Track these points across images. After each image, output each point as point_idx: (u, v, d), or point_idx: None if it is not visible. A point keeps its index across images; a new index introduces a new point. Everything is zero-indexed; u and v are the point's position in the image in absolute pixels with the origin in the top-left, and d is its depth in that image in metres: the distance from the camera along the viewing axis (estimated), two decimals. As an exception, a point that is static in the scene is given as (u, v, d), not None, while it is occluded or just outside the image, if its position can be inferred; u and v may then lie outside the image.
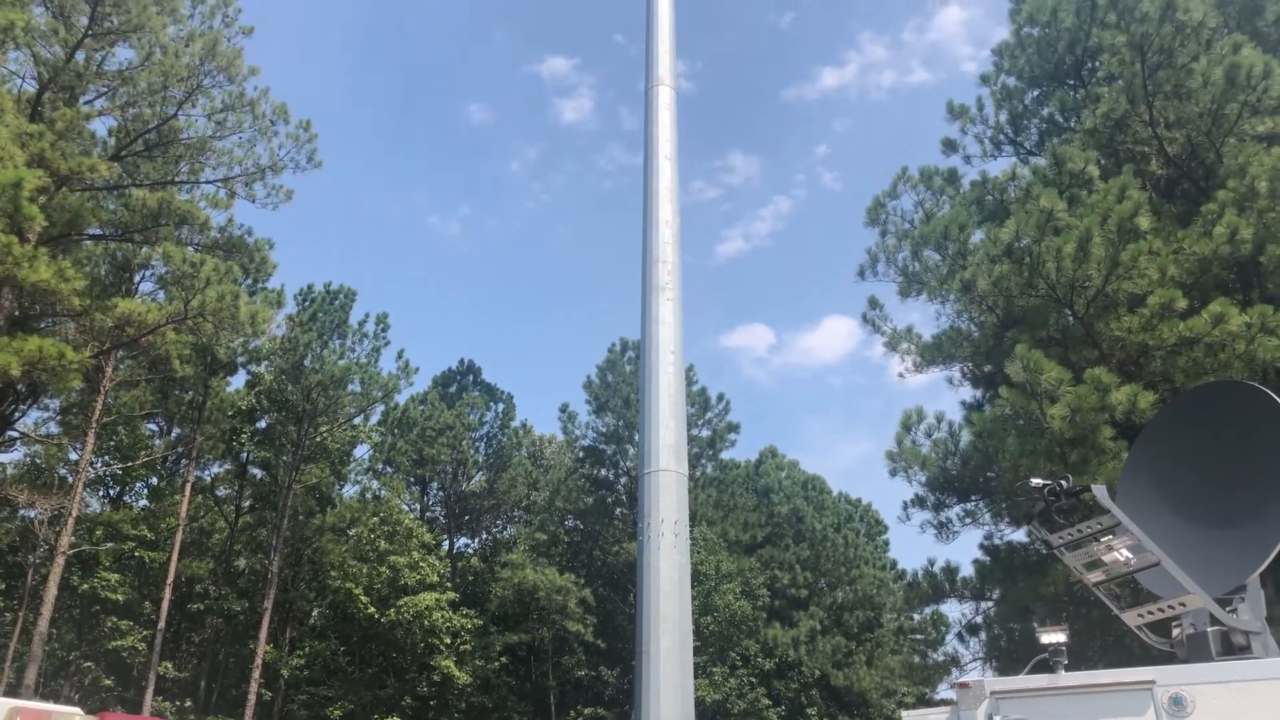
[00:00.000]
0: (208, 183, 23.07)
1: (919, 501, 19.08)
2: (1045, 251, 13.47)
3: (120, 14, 19.52)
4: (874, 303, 19.70)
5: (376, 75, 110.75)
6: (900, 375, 19.23)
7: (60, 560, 22.18)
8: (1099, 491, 5.76)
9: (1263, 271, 13.51)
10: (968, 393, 20.00)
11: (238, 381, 31.96)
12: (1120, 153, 16.44)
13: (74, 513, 22.93)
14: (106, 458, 29.82)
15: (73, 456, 27.19)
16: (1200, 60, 14.69)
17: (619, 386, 36.52)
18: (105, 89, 20.97)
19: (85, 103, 20.89)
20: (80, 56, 20.13)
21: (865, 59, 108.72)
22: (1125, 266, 13.02)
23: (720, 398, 37.83)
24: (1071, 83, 18.80)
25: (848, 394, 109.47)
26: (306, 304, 30.97)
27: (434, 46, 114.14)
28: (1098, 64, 17.60)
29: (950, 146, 20.35)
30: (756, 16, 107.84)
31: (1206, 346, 12.46)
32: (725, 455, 41.29)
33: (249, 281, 27.01)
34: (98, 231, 21.75)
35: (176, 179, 22.65)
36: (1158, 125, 15.54)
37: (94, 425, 23.61)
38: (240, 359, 30.41)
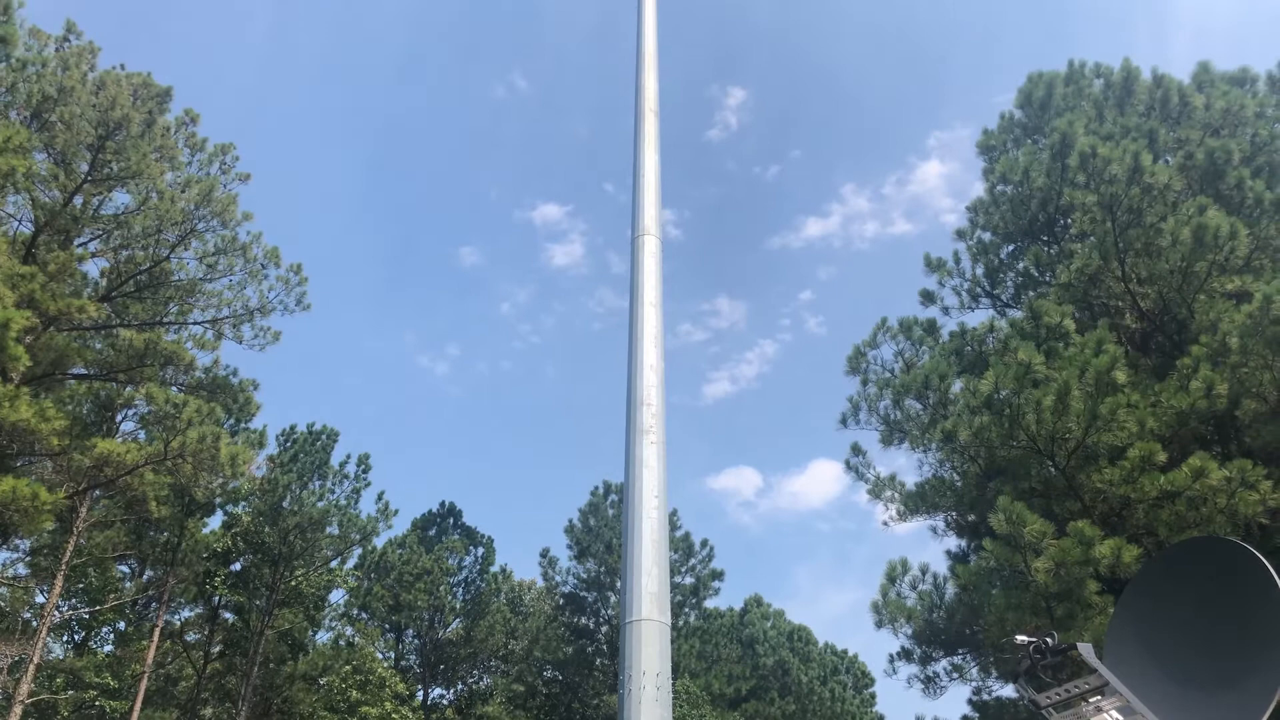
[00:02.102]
0: (196, 324, 23.27)
1: (905, 654, 18.69)
2: (1025, 404, 13.60)
3: (120, 161, 20.03)
4: (857, 449, 19.73)
5: (373, 218, 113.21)
6: (885, 524, 19.10)
7: (18, 709, 21.31)
8: (1085, 650, 5.66)
9: (1239, 425, 13.65)
10: (952, 542, 19.86)
11: (215, 522, 31.50)
12: (1095, 307, 16.80)
13: (35, 659, 22.17)
14: (74, 601, 29.03)
15: (39, 599, 26.48)
16: (1168, 220, 15.19)
17: (601, 531, 36.11)
18: (100, 232, 21.34)
19: (79, 245, 21.21)
20: (78, 200, 20.55)
21: (848, 210, 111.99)
22: (1104, 419, 13.13)
23: (704, 544, 37.43)
24: (1045, 239, 19.33)
25: (835, 540, 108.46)
26: (288, 444, 30.81)
27: (430, 191, 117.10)
28: (1070, 221, 18.15)
29: (929, 298, 20.76)
30: (743, 169, 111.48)
31: (1188, 500, 12.47)
32: (709, 603, 40.60)
33: (231, 422, 26.92)
34: (82, 371, 21.76)
35: (165, 320, 22.82)
36: (1130, 281, 15.94)
37: (64, 567, 23.08)
38: (218, 500, 30.02)
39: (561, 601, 36.71)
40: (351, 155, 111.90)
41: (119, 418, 24.61)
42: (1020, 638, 6.05)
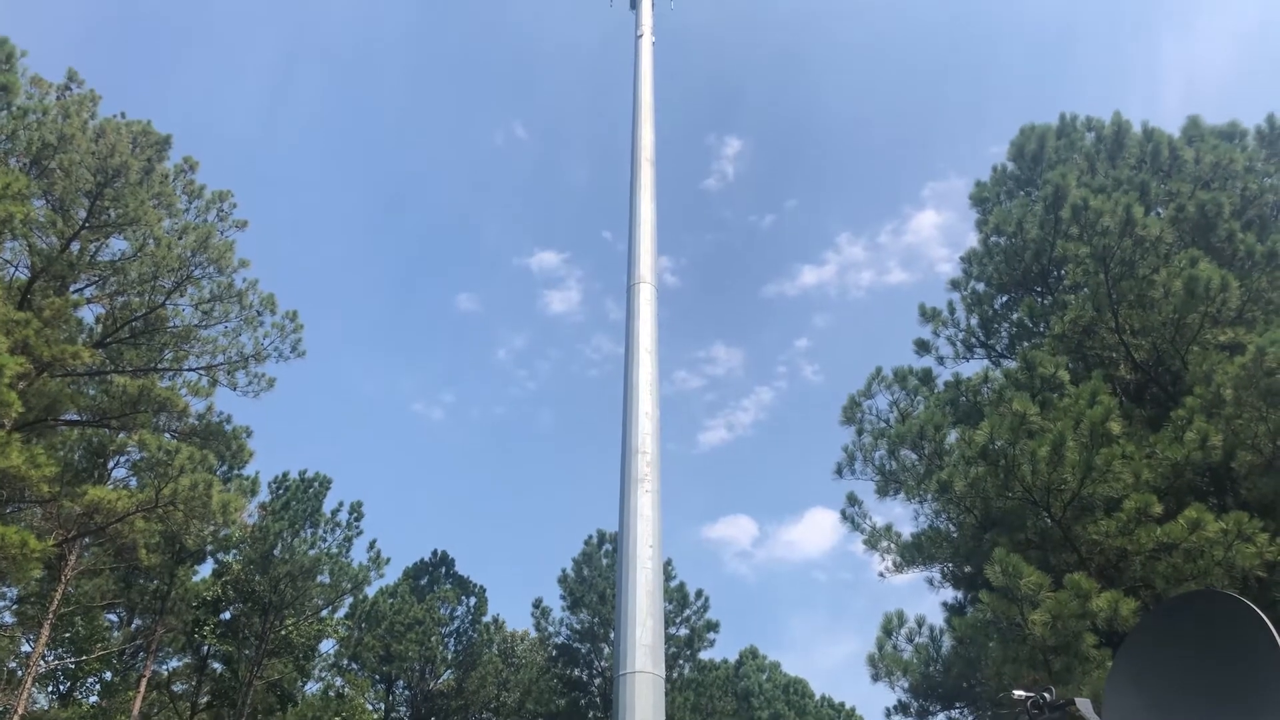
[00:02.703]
0: (190, 370, 23.23)
1: (903, 708, 18.48)
2: (1020, 454, 13.57)
3: (118, 208, 20.12)
4: (853, 499, 19.65)
5: (371, 263, 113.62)
6: (881, 575, 18.98)
7: (0, 761, 20.96)
8: (1084, 705, 5.60)
9: (1235, 477, 13.62)
10: (949, 594, 19.71)
11: (205, 570, 31.21)
12: (1089, 358, 16.84)
13: (20, 710, 21.83)
14: (60, 650, 28.65)
15: (25, 649, 26.13)
16: (1160, 272, 15.27)
17: (595, 581, 35.82)
18: (96, 278, 21.37)
19: (75, 291, 21.23)
20: (75, 247, 20.61)
21: (844, 259, 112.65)
22: (1099, 470, 13.10)
23: (699, 594, 37.13)
24: (1039, 290, 19.43)
25: (832, 590, 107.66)
26: (280, 492, 30.63)
27: (429, 238, 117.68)
28: (1063, 273, 18.24)
29: (923, 347, 20.80)
30: (739, 217, 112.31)
31: (1185, 552, 12.40)
32: (704, 655, 40.17)
33: (224, 468, 26.77)
34: (75, 417, 21.67)
35: (159, 366, 22.79)
36: (1124, 332, 15.99)
37: (51, 616, 22.81)
38: (209, 547, 29.77)
39: (554, 653, 36.33)
40: (351, 201, 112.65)
41: (110, 464, 24.47)
42: (1018, 692, 5.97)
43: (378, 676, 35.91)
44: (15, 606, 26.25)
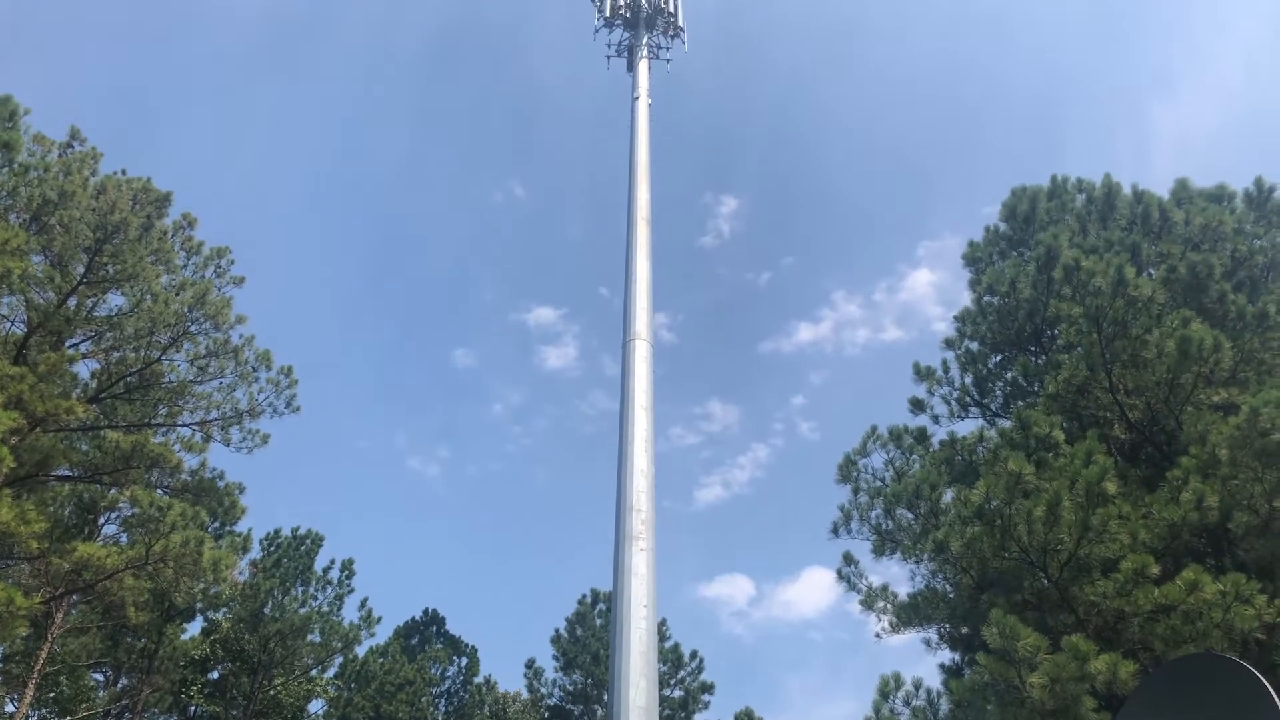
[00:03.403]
0: (184, 426, 23.15)
1: (900, 773, 18.16)
2: (1016, 514, 13.52)
3: (117, 264, 20.20)
4: (849, 559, 19.50)
5: (368, 319, 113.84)
6: (878, 636, 18.79)
7: (-21, 825, 20.50)
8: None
9: (1232, 538, 13.57)
10: (946, 656, 19.48)
11: (194, 629, 30.83)
12: (1084, 417, 16.85)
13: (1, 771, 21.42)
14: (45, 710, 28.18)
15: (9, 708, 25.69)
16: (1153, 333, 15.36)
17: (588, 642, 35.42)
18: (92, 333, 21.39)
19: (71, 346, 21.24)
20: (72, 302, 20.65)
21: (840, 316, 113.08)
22: (1096, 531, 13.05)
23: (694, 655, 36.69)
24: (1033, 349, 19.50)
25: (829, 650, 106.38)
26: (272, 549, 30.39)
27: (426, 294, 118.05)
28: (1056, 332, 18.34)
29: (918, 406, 20.82)
30: (735, 274, 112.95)
31: (1184, 614, 12.31)
32: (699, 718, 39.55)
33: (216, 525, 26.58)
34: (66, 472, 21.54)
35: (153, 422, 22.71)
36: (1118, 392, 16.03)
37: (36, 675, 22.48)
38: (199, 605, 29.44)
39: (547, 714, 35.80)
40: (349, 257, 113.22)
41: (101, 520, 24.29)
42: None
43: (367, 738, 35.27)
44: (1, 665, 25.88)
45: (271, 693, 29.50)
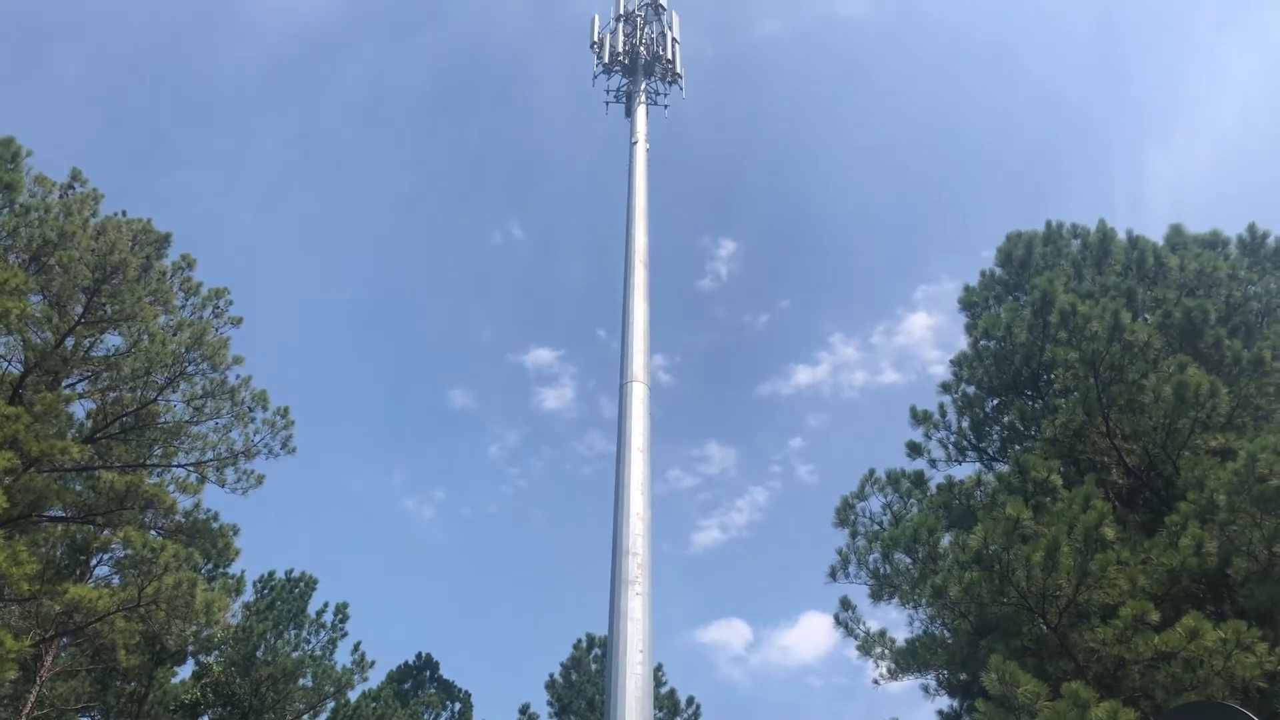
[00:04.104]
0: (179, 466, 23.05)
1: (899, 823, 17.94)
2: (1014, 559, 13.46)
3: (115, 304, 20.23)
4: (846, 604, 19.40)
5: (365, 359, 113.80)
6: (876, 682, 18.63)
7: None
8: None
9: (1231, 584, 13.50)
10: (945, 702, 19.30)
11: (185, 672, 30.47)
12: (1081, 462, 16.83)
13: (-14, 818, 21.09)
14: (31, 755, 27.78)
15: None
16: (1150, 378, 15.39)
17: (583, 687, 35.07)
18: (89, 373, 21.37)
19: (67, 385, 21.21)
20: (69, 342, 20.66)
21: (837, 359, 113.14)
22: (1095, 576, 12.98)
23: (690, 701, 36.30)
24: (1029, 393, 19.52)
25: (827, 697, 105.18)
26: (266, 591, 30.15)
27: (424, 334, 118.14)
28: (1053, 377, 18.36)
29: (916, 450, 20.79)
30: (733, 316, 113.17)
31: (1184, 662, 12.21)
32: (694, 765, 39.01)
33: (209, 567, 26.38)
34: (60, 513, 21.42)
35: (148, 462, 22.62)
36: (1115, 437, 16.03)
37: (24, 719, 22.19)
38: (190, 648, 29.13)
39: (541, 761, 35.33)
40: (347, 297, 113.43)
41: (93, 562, 24.09)
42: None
43: (358, 786, 34.76)
44: (-13, 709, 25.55)
45: (262, 738, 29.12)
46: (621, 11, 19.57)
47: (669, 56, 19.05)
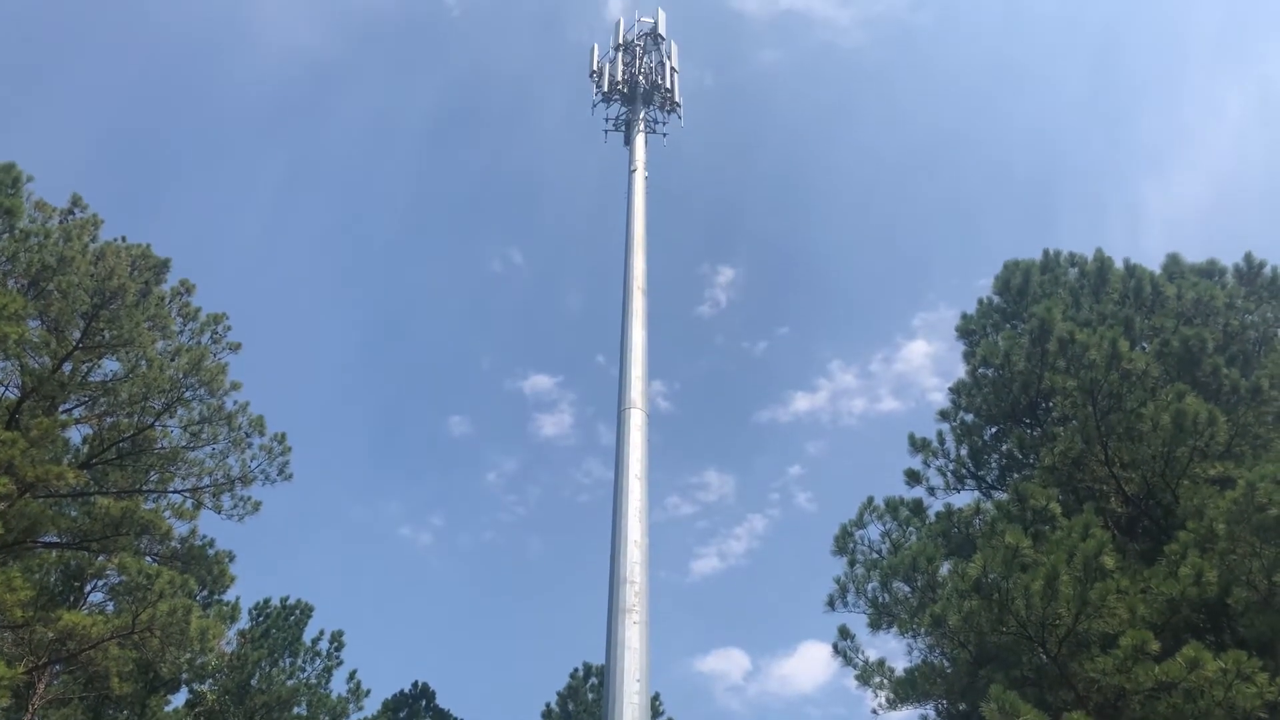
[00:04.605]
0: (175, 492, 22.94)
1: None
2: (1014, 588, 13.40)
3: (113, 330, 20.22)
4: (845, 633, 19.29)
5: (364, 386, 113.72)
6: (874, 712, 18.49)
7: None
8: None
9: (1232, 614, 13.44)
10: (944, 733, 19.16)
11: (179, 700, 30.21)
12: (1080, 490, 16.80)
13: None
14: (23, 784, 27.50)
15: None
16: (1148, 406, 15.38)
17: (580, 717, 34.82)
18: (86, 398, 21.32)
19: (64, 411, 21.15)
20: (67, 367, 20.63)
21: (836, 386, 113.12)
22: (1094, 605, 12.92)
23: (687, 732, 36.02)
24: (1028, 421, 19.50)
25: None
26: (261, 619, 29.97)
27: (423, 361, 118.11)
28: (1051, 405, 18.36)
29: (914, 478, 20.75)
30: (732, 343, 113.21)
31: (1185, 692, 12.14)
32: (691, 797, 38.75)
33: (204, 594, 26.21)
34: (54, 539, 21.31)
35: (144, 488, 22.52)
36: (1114, 465, 16.00)
37: (15, 748, 21.97)
38: (184, 676, 28.90)
39: (537, 792, 35.02)
40: (346, 323, 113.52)
41: (88, 588, 23.94)
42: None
43: (352, 816, 34.42)
44: (-21, 737, 25.32)
45: (256, 768, 28.84)
46: (620, 41, 19.73)
47: (667, 85, 19.18)
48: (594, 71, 19.64)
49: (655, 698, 35.03)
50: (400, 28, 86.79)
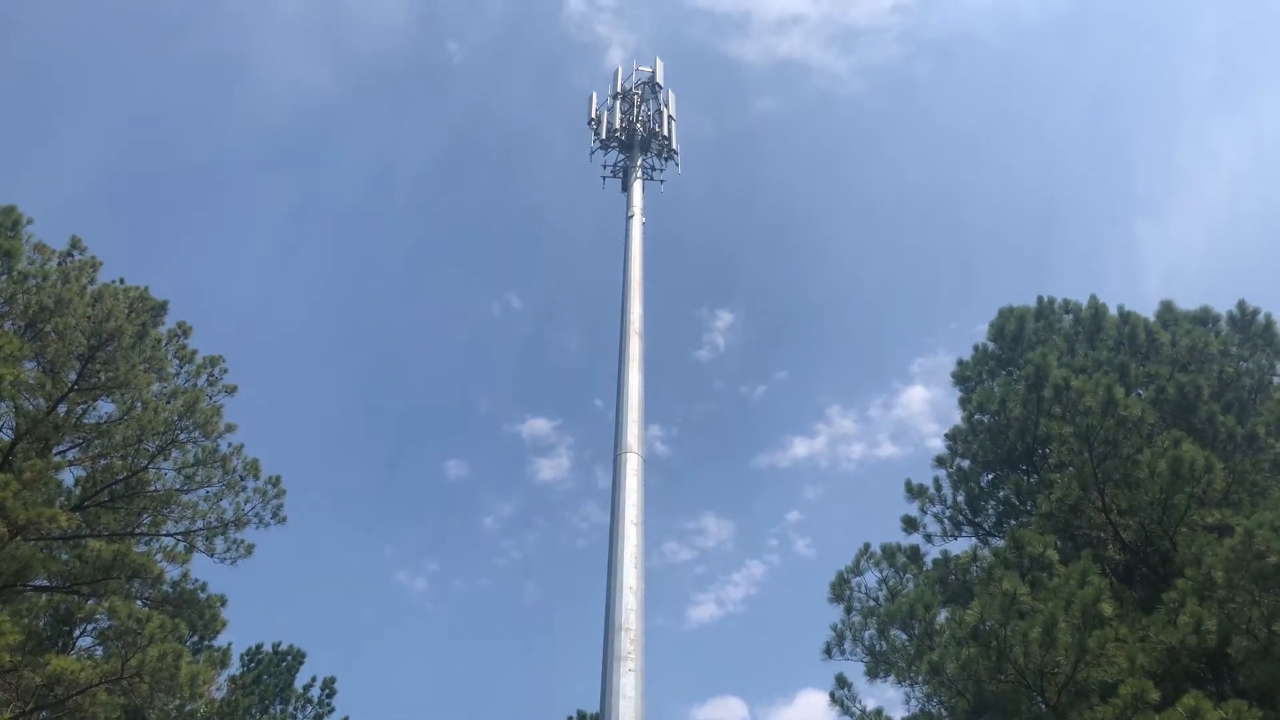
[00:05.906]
0: (168, 535, 22.77)
1: None
2: (1012, 636, 13.30)
3: (109, 371, 20.20)
4: (842, 681, 19.10)
5: (361, 429, 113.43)
6: (871, 763, 18.26)
7: None
8: None
9: (1231, 663, 13.33)
10: (942, 785, 18.91)
11: (166, 748, 29.79)
12: (1077, 537, 16.74)
13: None
14: (5, 834, 27.01)
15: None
16: (1144, 453, 15.37)
17: (574, 766, 34.26)
18: (80, 440, 21.24)
19: (58, 452, 21.06)
20: (62, 409, 20.58)
21: (835, 431, 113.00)
22: (1093, 653, 12.82)
23: (682, 782, 35.52)
24: (1024, 467, 19.48)
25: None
26: (252, 665, 29.63)
27: (421, 404, 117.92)
28: (1048, 451, 18.34)
29: (911, 525, 20.68)
30: (730, 388, 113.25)
31: (1185, 742, 12.01)
32: None
33: (195, 639, 25.92)
34: (44, 583, 21.11)
35: (136, 531, 22.36)
36: (1111, 512, 15.96)
37: (-1, 796, 21.61)
38: (172, 723, 28.53)
39: (529, 844, 34.46)
40: (344, 366, 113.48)
41: (77, 632, 23.68)
42: None
43: None
44: (-38, 785, 24.90)
45: (243, 818, 28.37)
46: (619, 90, 19.96)
47: (665, 133, 19.38)
48: (592, 119, 19.84)
49: (650, 747, 34.61)
50: (402, 72, 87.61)
